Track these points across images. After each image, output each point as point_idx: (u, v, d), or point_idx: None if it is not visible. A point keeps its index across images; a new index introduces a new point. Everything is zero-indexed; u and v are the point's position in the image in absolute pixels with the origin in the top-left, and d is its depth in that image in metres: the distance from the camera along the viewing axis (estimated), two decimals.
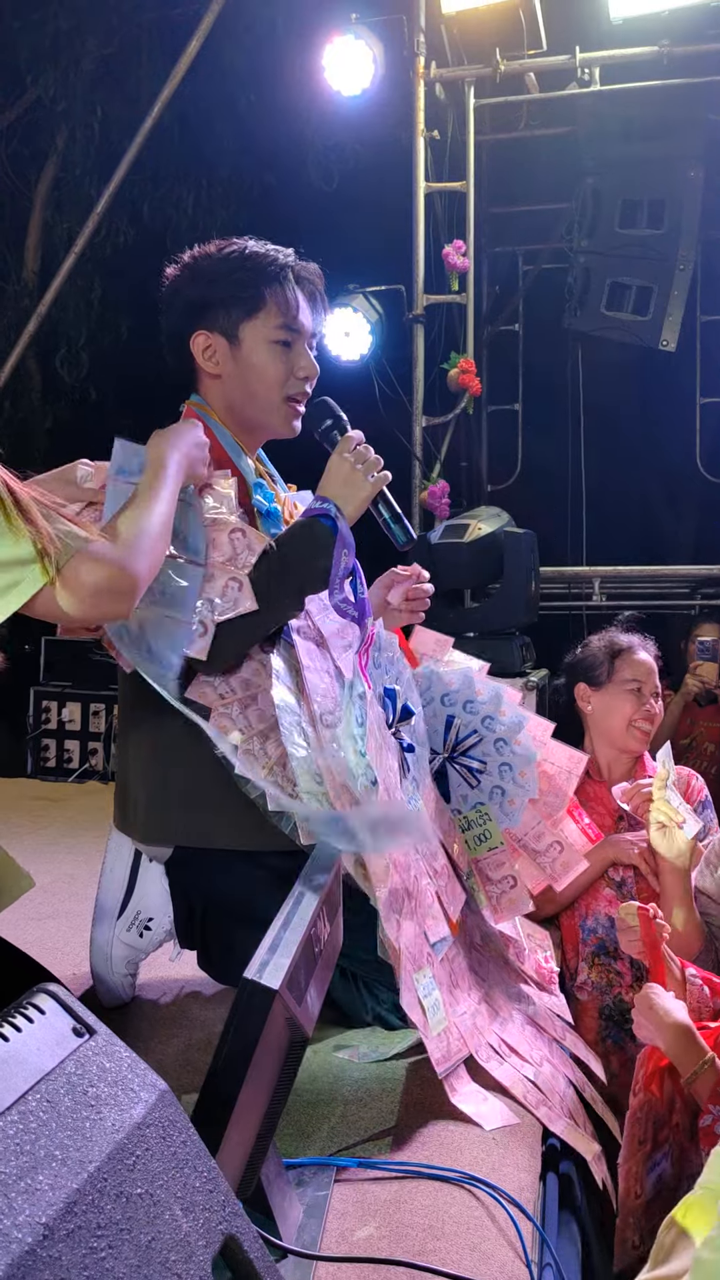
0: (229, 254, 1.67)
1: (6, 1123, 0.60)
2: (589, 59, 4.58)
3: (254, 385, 1.66)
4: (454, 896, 1.61)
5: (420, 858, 1.55)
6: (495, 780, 1.86)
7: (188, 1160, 0.69)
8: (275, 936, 0.98)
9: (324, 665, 1.55)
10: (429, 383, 4.72)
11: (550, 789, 1.87)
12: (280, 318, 1.65)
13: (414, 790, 1.63)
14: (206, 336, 1.66)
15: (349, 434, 1.64)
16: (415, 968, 1.43)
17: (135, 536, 1.31)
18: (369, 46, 4.58)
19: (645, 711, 2.33)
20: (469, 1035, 1.47)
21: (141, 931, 1.71)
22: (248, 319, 1.65)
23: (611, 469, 5.60)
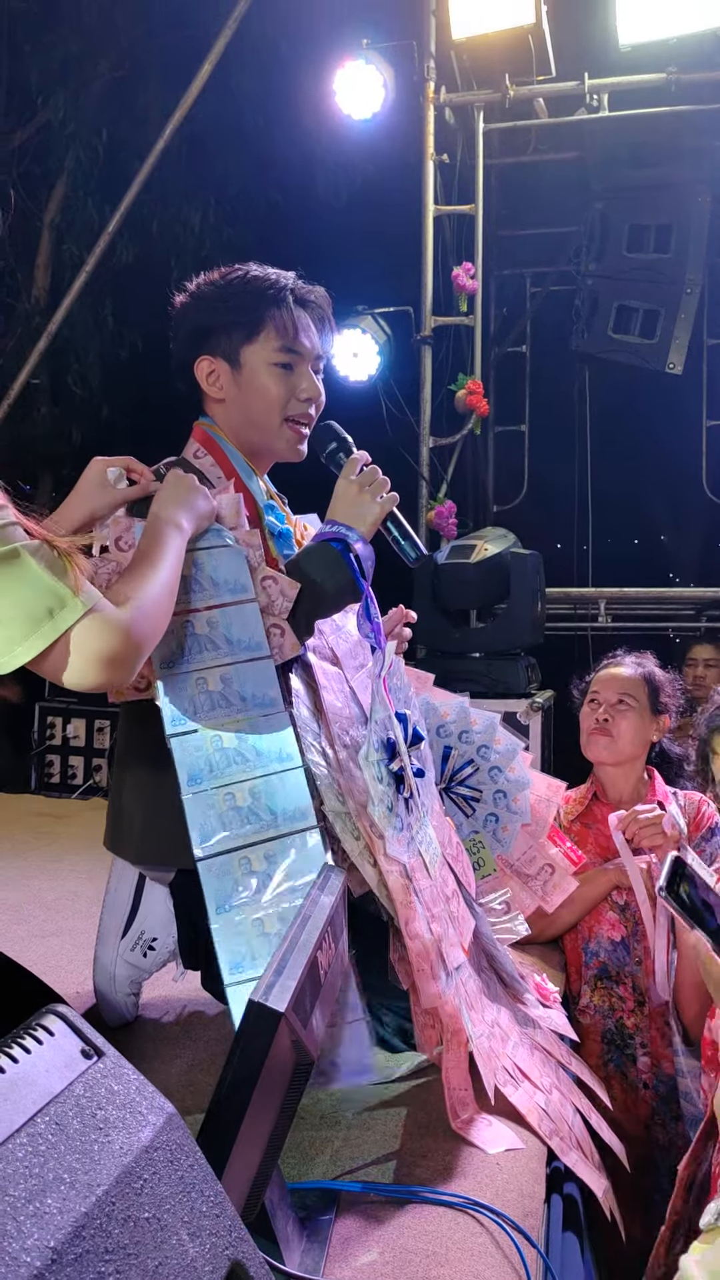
0: (231, 279, 1.67)
1: (15, 1145, 0.60)
2: (598, 85, 4.64)
3: (255, 408, 1.66)
4: (464, 922, 1.61)
5: (431, 884, 1.55)
6: (490, 808, 1.88)
7: (194, 1184, 0.69)
8: (281, 958, 0.98)
9: (339, 686, 1.56)
10: (436, 403, 4.76)
11: (533, 817, 1.91)
12: (279, 340, 1.65)
13: (424, 815, 1.63)
14: (210, 361, 1.67)
15: (354, 455, 1.64)
16: (453, 990, 1.43)
17: (144, 602, 1.24)
18: (379, 71, 4.64)
19: (596, 720, 2.33)
20: (486, 1058, 1.46)
21: (145, 951, 1.70)
22: (248, 342, 1.65)
23: (617, 491, 5.62)
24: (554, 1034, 1.73)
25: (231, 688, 1.42)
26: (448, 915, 1.55)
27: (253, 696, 1.42)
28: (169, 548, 1.35)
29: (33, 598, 1.13)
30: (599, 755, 2.33)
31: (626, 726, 2.31)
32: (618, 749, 2.31)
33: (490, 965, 1.74)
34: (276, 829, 1.36)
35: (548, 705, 3.84)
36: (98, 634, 1.16)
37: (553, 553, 4.38)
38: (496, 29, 4.46)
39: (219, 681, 1.41)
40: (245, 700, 1.42)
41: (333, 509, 1.62)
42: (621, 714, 2.31)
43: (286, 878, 1.34)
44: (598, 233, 5.02)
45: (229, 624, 1.44)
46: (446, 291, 4.77)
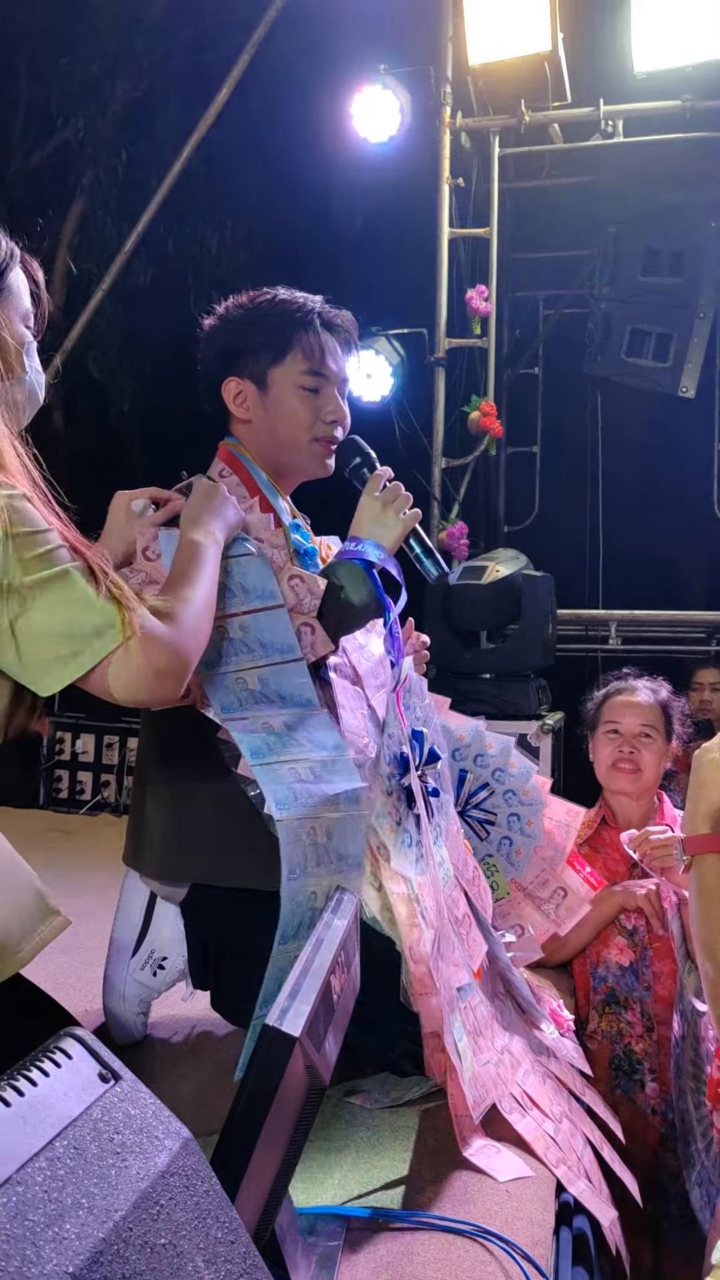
0: (259, 302, 1.70)
1: (34, 1169, 0.60)
2: (613, 111, 4.68)
3: (282, 429, 1.69)
4: (474, 944, 1.60)
5: (442, 902, 1.55)
6: (504, 831, 1.88)
7: (210, 1211, 0.69)
8: (295, 982, 0.98)
9: (358, 704, 1.56)
10: (449, 424, 4.78)
11: (549, 843, 1.91)
12: (307, 363, 1.68)
13: (438, 836, 1.63)
14: (237, 383, 1.69)
15: (378, 471, 1.66)
16: (450, 1010, 1.42)
17: (188, 616, 1.27)
18: (396, 96, 4.69)
19: (621, 753, 2.31)
20: (493, 1084, 1.46)
21: (155, 970, 1.70)
22: (275, 364, 1.67)
23: (629, 513, 5.62)
24: (568, 1064, 1.72)
25: (269, 687, 1.46)
26: (457, 937, 1.54)
27: (290, 696, 1.46)
28: (206, 559, 1.38)
29: (82, 617, 1.15)
30: (623, 788, 2.32)
31: (650, 758, 2.30)
32: (642, 781, 2.30)
33: (506, 991, 1.73)
34: (337, 809, 1.40)
35: (558, 727, 3.84)
36: (146, 651, 1.18)
37: (563, 574, 4.39)
38: (513, 55, 4.51)
39: (257, 681, 1.45)
40: (284, 699, 1.46)
41: (356, 525, 1.64)
42: (645, 746, 2.31)
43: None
44: (611, 256, 5.05)
45: (261, 629, 1.48)
46: (460, 314, 4.80)
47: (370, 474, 1.67)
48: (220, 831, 1.57)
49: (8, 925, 1.25)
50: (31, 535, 1.13)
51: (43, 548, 1.13)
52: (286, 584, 1.52)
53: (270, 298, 1.70)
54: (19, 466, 1.19)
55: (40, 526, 1.14)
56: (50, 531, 1.15)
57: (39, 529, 1.14)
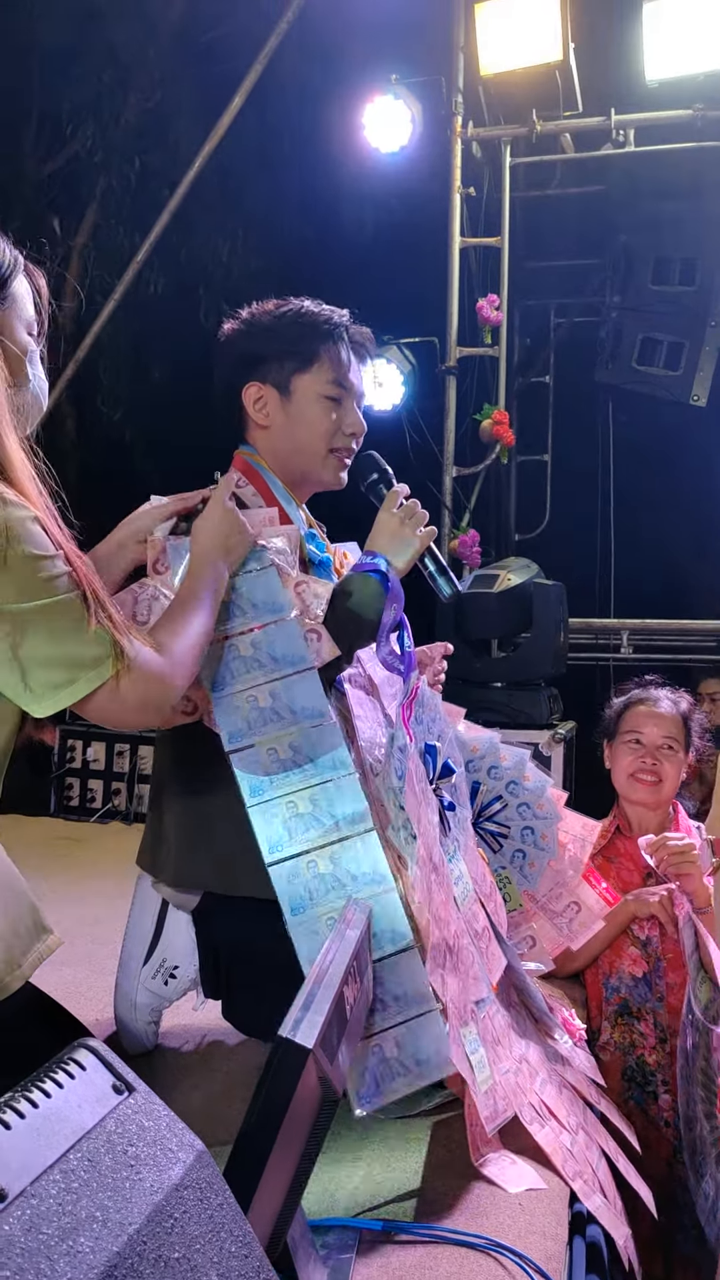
0: (286, 311, 1.71)
1: (49, 1182, 0.60)
2: (624, 120, 4.68)
3: (302, 437, 1.70)
4: (493, 958, 1.59)
5: (459, 916, 1.54)
6: (517, 844, 1.87)
7: (224, 1224, 0.69)
8: (309, 993, 0.97)
9: (374, 714, 1.56)
10: (460, 433, 4.78)
11: (564, 856, 1.91)
12: (332, 374, 1.69)
13: (455, 850, 1.62)
14: (259, 388, 1.70)
15: (395, 488, 1.68)
16: (460, 1023, 1.41)
17: (179, 649, 1.31)
18: (408, 106, 4.71)
19: (643, 764, 2.30)
20: (512, 1094, 1.45)
21: (166, 979, 1.70)
22: (300, 372, 1.69)
23: (640, 521, 5.61)
24: (583, 1074, 1.71)
25: (281, 702, 1.47)
26: (476, 950, 1.53)
27: (302, 709, 1.47)
28: (205, 592, 1.42)
29: (79, 646, 1.18)
30: (642, 798, 2.31)
31: (671, 770, 2.30)
32: (663, 793, 2.29)
33: (521, 1000, 1.72)
34: (339, 833, 1.40)
35: (570, 736, 3.83)
36: (137, 683, 1.22)
37: (574, 583, 4.38)
38: (524, 65, 4.52)
39: (269, 697, 1.46)
40: (295, 713, 1.46)
41: (374, 540, 1.65)
42: (666, 758, 2.30)
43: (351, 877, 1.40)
44: (622, 265, 5.05)
45: (271, 642, 1.49)
46: (471, 322, 4.80)
47: (387, 490, 1.68)
48: (235, 840, 1.57)
49: (9, 941, 1.25)
50: (37, 560, 1.14)
51: (46, 574, 1.15)
52: (294, 590, 1.54)
53: (297, 307, 1.72)
54: (28, 476, 1.20)
55: (47, 551, 1.15)
56: (55, 557, 1.17)
57: (45, 554, 1.15)
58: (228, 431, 1.77)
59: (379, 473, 1.72)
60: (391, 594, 1.59)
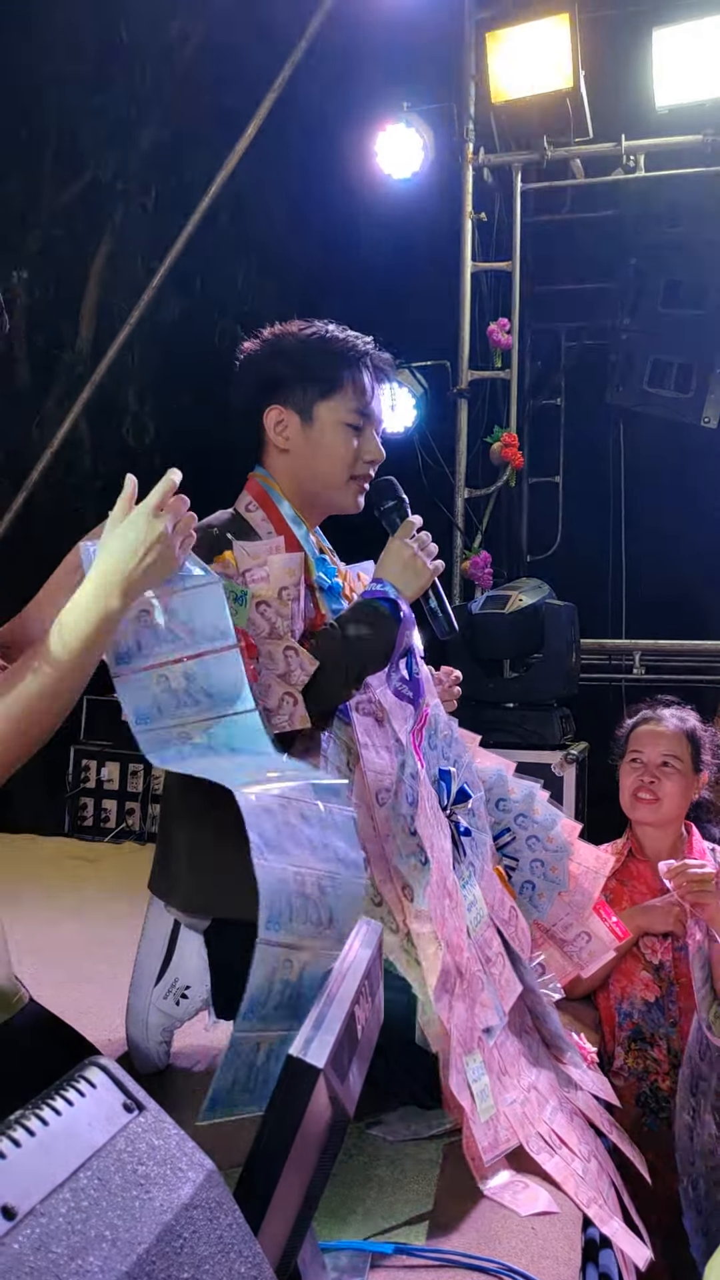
0: (309, 335, 1.72)
1: (59, 1200, 0.60)
2: (634, 146, 4.72)
3: (321, 463, 1.70)
4: (506, 985, 1.59)
5: (473, 942, 1.53)
6: (526, 875, 1.88)
7: (233, 1245, 0.69)
8: (319, 1013, 0.97)
9: (383, 741, 1.56)
10: (472, 455, 4.81)
11: (576, 888, 1.89)
12: (355, 401, 1.70)
13: (470, 875, 1.62)
14: (280, 411, 1.71)
15: (410, 519, 1.68)
16: (465, 1051, 1.41)
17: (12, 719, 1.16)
18: (420, 133, 4.76)
19: (641, 782, 2.29)
20: (518, 1125, 1.44)
21: (178, 999, 1.70)
22: (323, 399, 1.69)
23: (651, 543, 5.61)
24: (595, 1099, 1.70)
25: (219, 740, 1.33)
26: (487, 977, 1.53)
27: (244, 748, 1.34)
28: (73, 639, 1.19)
29: None
30: (643, 818, 2.30)
31: (672, 789, 2.28)
32: (663, 812, 2.28)
33: (535, 1025, 1.71)
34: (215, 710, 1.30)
35: (582, 757, 3.81)
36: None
37: (586, 603, 4.37)
38: (535, 92, 4.56)
39: (204, 735, 1.32)
40: (236, 751, 1.33)
41: (384, 568, 1.65)
42: (667, 776, 2.28)
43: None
44: (633, 288, 5.07)
45: (209, 676, 1.32)
46: (483, 346, 4.83)
47: (402, 520, 1.69)
48: (243, 867, 1.56)
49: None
50: None
51: None
52: (281, 654, 1.48)
53: (321, 332, 1.72)
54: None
55: None
56: None
57: None
58: (243, 457, 1.78)
59: (396, 500, 1.72)
60: (404, 622, 1.59)
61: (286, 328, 1.75)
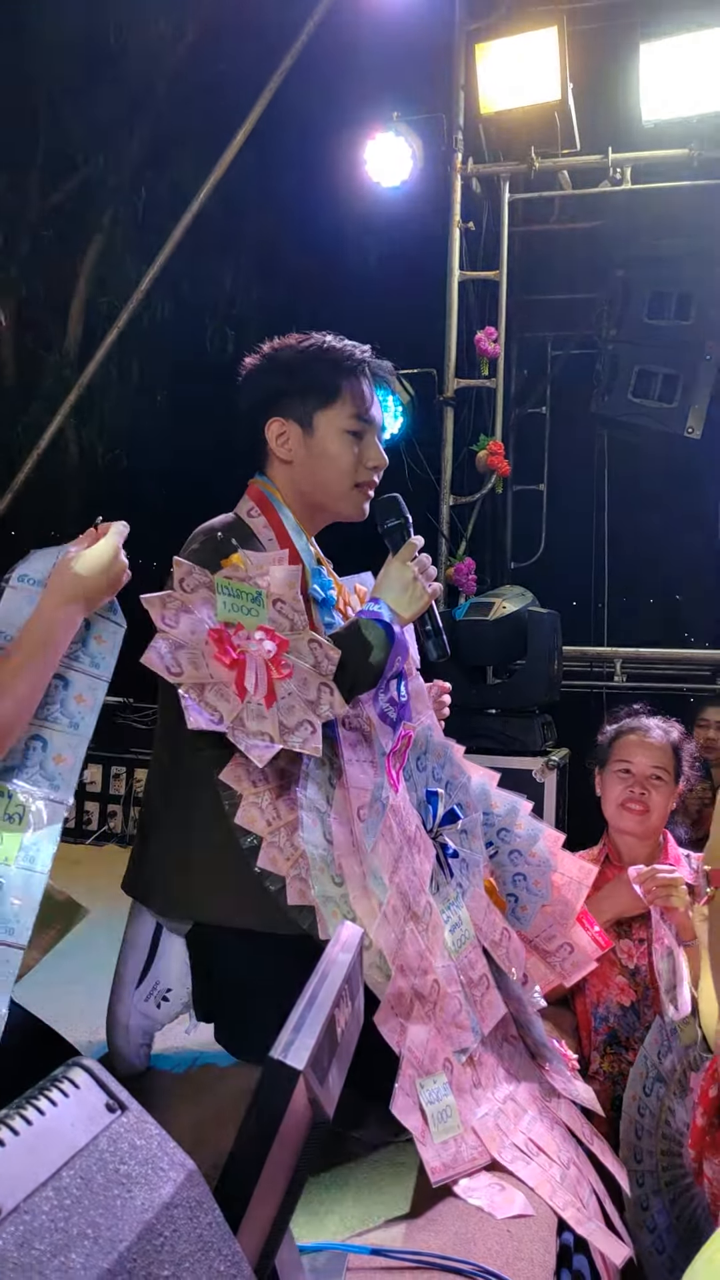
0: (307, 346, 1.73)
1: (41, 1199, 0.61)
2: (621, 159, 4.76)
3: (325, 472, 1.71)
4: (489, 1007, 1.59)
5: (450, 964, 1.54)
6: (509, 888, 1.88)
7: (213, 1244, 0.70)
8: (300, 1015, 0.98)
9: (368, 757, 1.56)
10: (457, 463, 4.83)
11: (559, 898, 1.90)
12: (354, 409, 1.70)
13: (458, 896, 1.63)
14: (281, 423, 1.72)
15: (412, 540, 1.68)
16: (422, 1073, 1.42)
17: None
18: (409, 142, 4.79)
19: (631, 793, 2.31)
20: (490, 1138, 1.45)
21: (159, 1002, 1.71)
22: (323, 409, 1.70)
23: (634, 551, 5.66)
24: (578, 1110, 1.71)
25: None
26: (468, 1000, 1.54)
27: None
28: (47, 650, 1.36)
29: None
30: (631, 828, 2.31)
31: (659, 800, 2.29)
32: (650, 823, 2.29)
33: (519, 1034, 1.72)
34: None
35: (563, 763, 3.84)
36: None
37: (569, 611, 4.41)
38: (523, 104, 4.60)
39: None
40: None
41: (383, 588, 1.65)
42: (655, 787, 2.29)
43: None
44: (619, 299, 5.11)
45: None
46: (469, 354, 4.86)
47: (405, 540, 1.69)
48: (222, 871, 1.57)
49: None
50: None
51: None
52: (306, 645, 1.52)
53: (319, 343, 1.73)
54: None
55: None
56: None
57: None
58: (231, 457, 1.79)
59: (400, 519, 1.71)
60: (396, 645, 1.60)
61: (285, 341, 1.76)
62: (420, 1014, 1.46)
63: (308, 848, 1.46)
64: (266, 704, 1.46)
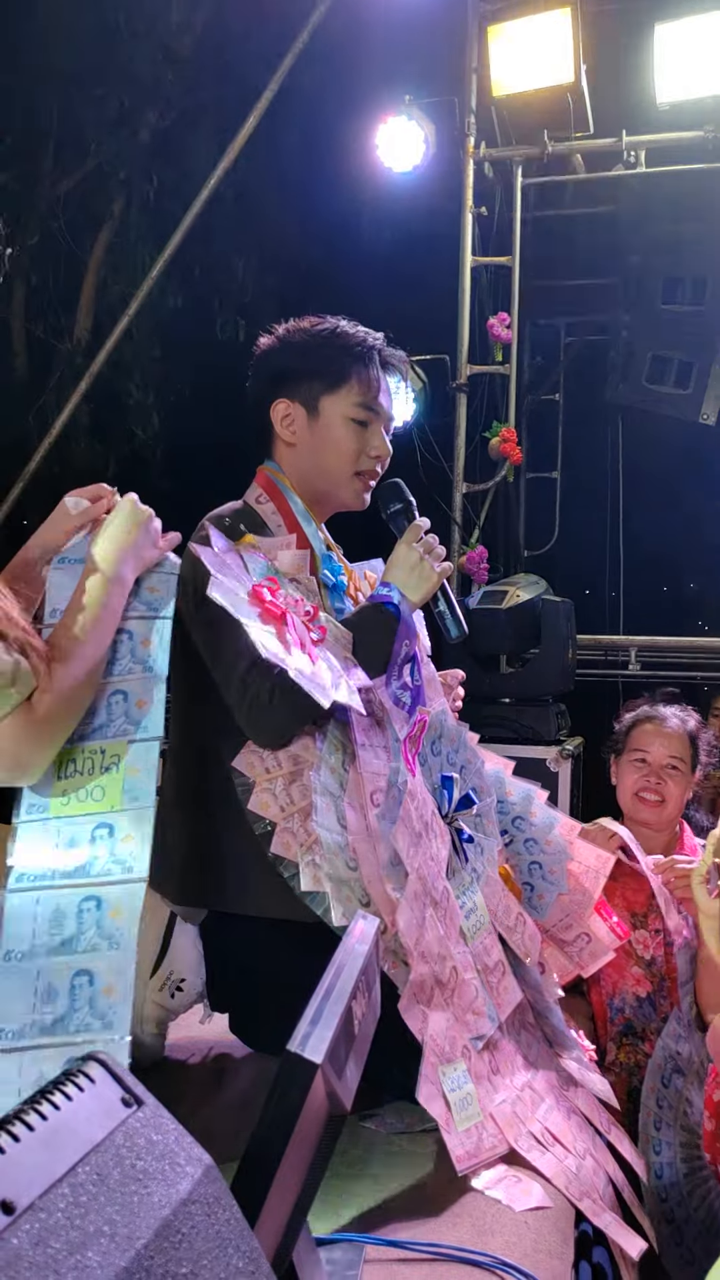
0: (320, 329, 1.71)
1: (57, 1196, 0.60)
2: (635, 142, 4.71)
3: (326, 458, 1.70)
4: (505, 993, 1.58)
5: (465, 950, 1.53)
6: (525, 877, 1.87)
7: (231, 1240, 0.69)
8: (317, 1007, 0.97)
9: (382, 742, 1.56)
10: (470, 450, 4.80)
11: (576, 888, 1.88)
12: (360, 396, 1.69)
13: (473, 882, 1.62)
14: (287, 405, 1.70)
15: (417, 522, 1.67)
16: (444, 1060, 1.41)
17: (60, 694, 1.22)
18: (421, 126, 4.74)
19: (647, 783, 2.28)
20: (508, 1125, 1.44)
21: (173, 992, 1.70)
22: (329, 393, 1.68)
23: (649, 539, 5.63)
24: (596, 1099, 1.70)
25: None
26: (484, 986, 1.53)
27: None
28: (106, 601, 1.31)
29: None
30: (646, 819, 2.29)
31: (675, 790, 2.27)
32: (666, 813, 2.27)
33: (536, 1022, 1.71)
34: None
35: (578, 752, 3.82)
36: (12, 736, 1.18)
37: (583, 599, 4.39)
38: (536, 87, 4.55)
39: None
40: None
41: (391, 573, 1.64)
42: (671, 777, 2.27)
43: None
44: (633, 284, 5.07)
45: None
46: (482, 340, 4.83)
47: (409, 523, 1.68)
48: (238, 859, 1.57)
49: None
50: None
51: None
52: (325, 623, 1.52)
53: (332, 326, 1.72)
54: None
55: None
56: None
57: None
58: (244, 445, 1.78)
59: (403, 504, 1.71)
60: (404, 628, 1.59)
61: (298, 323, 1.74)
62: (439, 1001, 1.45)
63: (321, 832, 1.45)
64: (311, 659, 1.43)
